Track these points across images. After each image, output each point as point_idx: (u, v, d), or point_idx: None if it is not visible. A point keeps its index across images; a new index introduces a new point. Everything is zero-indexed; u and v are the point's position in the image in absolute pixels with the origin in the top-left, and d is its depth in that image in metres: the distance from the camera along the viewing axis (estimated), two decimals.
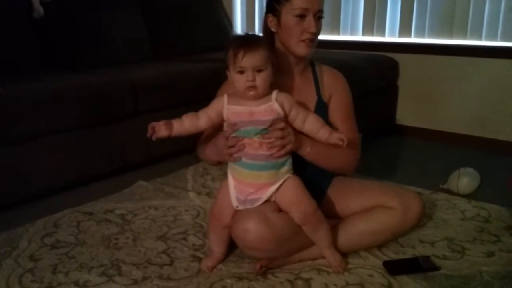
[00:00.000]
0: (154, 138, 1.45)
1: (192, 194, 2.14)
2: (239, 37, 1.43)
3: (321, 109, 1.58)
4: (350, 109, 1.64)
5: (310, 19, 1.48)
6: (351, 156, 1.59)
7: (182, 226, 1.83)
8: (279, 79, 1.48)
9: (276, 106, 1.38)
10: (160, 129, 1.45)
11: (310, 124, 1.44)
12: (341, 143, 1.40)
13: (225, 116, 1.42)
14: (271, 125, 1.38)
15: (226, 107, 1.41)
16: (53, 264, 1.56)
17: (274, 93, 1.40)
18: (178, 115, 2.61)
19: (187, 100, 2.61)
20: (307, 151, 1.47)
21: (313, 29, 1.48)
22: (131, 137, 2.42)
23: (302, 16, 1.48)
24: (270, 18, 1.54)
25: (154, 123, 1.45)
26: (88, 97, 2.22)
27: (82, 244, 1.70)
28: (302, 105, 1.49)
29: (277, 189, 1.41)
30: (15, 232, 1.79)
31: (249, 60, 1.33)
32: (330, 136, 1.43)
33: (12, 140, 1.99)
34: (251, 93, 1.36)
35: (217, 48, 3.36)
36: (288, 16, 1.49)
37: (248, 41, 1.37)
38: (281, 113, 1.39)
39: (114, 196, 2.12)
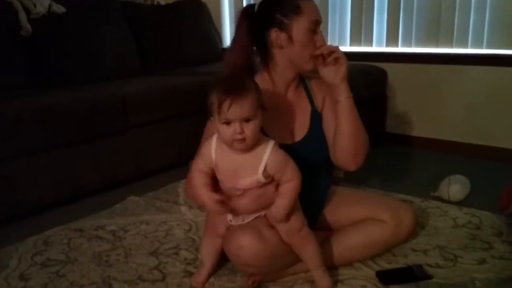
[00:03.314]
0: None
1: (183, 208, 2.13)
2: (223, 80, 1.28)
3: (316, 120, 1.58)
4: None
5: (319, 32, 1.46)
6: (367, 138, 1.55)
7: (174, 241, 1.82)
8: (275, 96, 1.47)
9: (261, 179, 1.32)
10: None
11: (283, 188, 1.35)
12: (273, 217, 1.36)
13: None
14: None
15: (214, 164, 1.35)
16: (44, 283, 1.54)
17: (266, 154, 1.30)
18: (168, 129, 2.63)
19: (177, 114, 2.62)
20: (343, 98, 1.47)
21: (324, 43, 1.46)
22: (121, 153, 2.42)
23: (314, 30, 1.45)
24: (276, 33, 1.45)
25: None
26: (77, 114, 2.22)
27: (73, 262, 1.68)
28: (298, 120, 1.50)
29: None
30: (5, 251, 1.77)
31: (236, 111, 1.21)
32: (273, 209, 1.34)
33: (0, 157, 1.97)
34: (239, 146, 1.27)
35: (206, 61, 3.38)
36: (300, 30, 1.44)
37: (234, 88, 1.23)
38: (266, 181, 1.33)
39: (105, 212, 2.11)
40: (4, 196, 1.99)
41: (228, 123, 1.24)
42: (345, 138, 1.51)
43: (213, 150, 1.34)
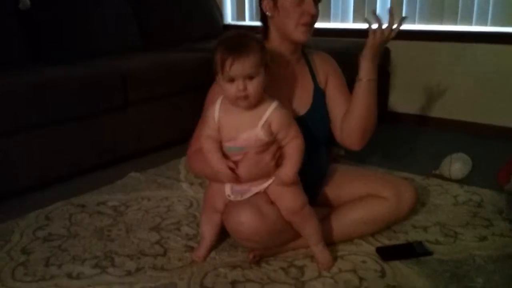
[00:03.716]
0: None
1: (184, 185, 2.13)
2: (227, 39, 1.29)
3: (319, 97, 1.57)
4: (346, 86, 1.62)
5: (309, 1, 1.44)
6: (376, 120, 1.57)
7: (175, 217, 1.83)
8: (276, 70, 1.45)
9: (260, 134, 1.31)
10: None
11: (288, 149, 1.35)
12: (281, 180, 1.34)
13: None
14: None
15: (217, 125, 1.36)
16: (46, 257, 1.55)
17: (269, 111, 1.31)
18: (168, 106, 2.61)
19: (178, 90, 2.60)
20: (365, 79, 1.46)
21: (312, 11, 1.42)
22: (122, 129, 2.41)
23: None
24: (266, 1, 1.48)
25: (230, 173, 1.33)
26: (77, 89, 2.20)
27: (74, 236, 1.69)
28: (301, 95, 1.49)
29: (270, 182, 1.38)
30: (7, 225, 1.77)
31: (238, 68, 1.23)
32: (282, 170, 1.34)
33: (1, 133, 1.96)
34: (243, 103, 1.28)
35: (207, 38, 3.35)
36: None
37: (236, 46, 1.25)
38: (265, 139, 1.32)
39: (106, 188, 2.11)
40: (4, 171, 1.99)
41: (231, 80, 1.26)
42: (356, 119, 1.52)
43: (217, 110, 1.34)
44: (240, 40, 1.28)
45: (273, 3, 1.47)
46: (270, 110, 1.31)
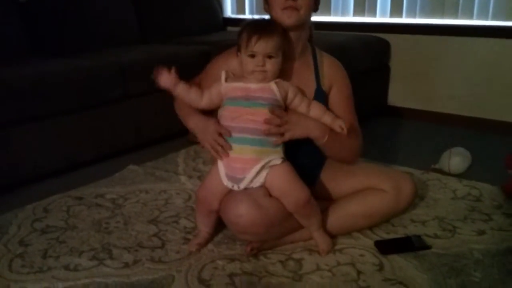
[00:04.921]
0: (155, 83, 1.44)
1: (183, 178, 2.13)
2: (255, 21, 1.42)
3: (320, 98, 1.53)
4: (351, 98, 1.60)
5: None
6: (358, 146, 1.58)
7: (173, 210, 1.82)
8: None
9: (273, 87, 1.38)
10: (166, 80, 1.46)
11: (314, 110, 1.45)
12: (340, 130, 1.42)
13: (223, 92, 1.42)
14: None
15: (224, 85, 1.42)
16: (43, 248, 1.55)
17: (278, 79, 1.40)
18: (169, 98, 2.60)
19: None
20: (324, 141, 1.45)
21: None
22: (121, 121, 2.40)
23: None
24: (262, 1, 1.52)
25: (162, 70, 1.45)
26: (76, 81, 2.20)
27: (72, 228, 1.69)
28: (300, 90, 1.47)
29: (262, 168, 1.37)
30: (4, 217, 1.77)
31: (261, 45, 1.34)
32: (333, 122, 1.44)
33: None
34: (259, 76, 1.37)
35: (207, 31, 3.34)
36: None
37: (263, 26, 1.38)
38: (278, 95, 1.38)
39: (105, 180, 2.11)
40: (3, 163, 1.98)
41: (252, 56, 1.36)
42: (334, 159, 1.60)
43: (223, 80, 1.42)
44: (267, 23, 1.42)
45: (265, 0, 1.49)
46: (278, 80, 1.40)
